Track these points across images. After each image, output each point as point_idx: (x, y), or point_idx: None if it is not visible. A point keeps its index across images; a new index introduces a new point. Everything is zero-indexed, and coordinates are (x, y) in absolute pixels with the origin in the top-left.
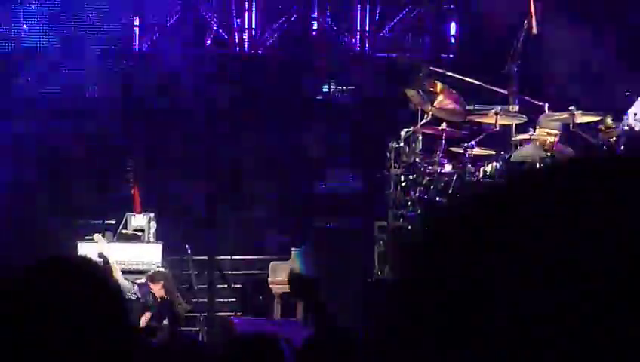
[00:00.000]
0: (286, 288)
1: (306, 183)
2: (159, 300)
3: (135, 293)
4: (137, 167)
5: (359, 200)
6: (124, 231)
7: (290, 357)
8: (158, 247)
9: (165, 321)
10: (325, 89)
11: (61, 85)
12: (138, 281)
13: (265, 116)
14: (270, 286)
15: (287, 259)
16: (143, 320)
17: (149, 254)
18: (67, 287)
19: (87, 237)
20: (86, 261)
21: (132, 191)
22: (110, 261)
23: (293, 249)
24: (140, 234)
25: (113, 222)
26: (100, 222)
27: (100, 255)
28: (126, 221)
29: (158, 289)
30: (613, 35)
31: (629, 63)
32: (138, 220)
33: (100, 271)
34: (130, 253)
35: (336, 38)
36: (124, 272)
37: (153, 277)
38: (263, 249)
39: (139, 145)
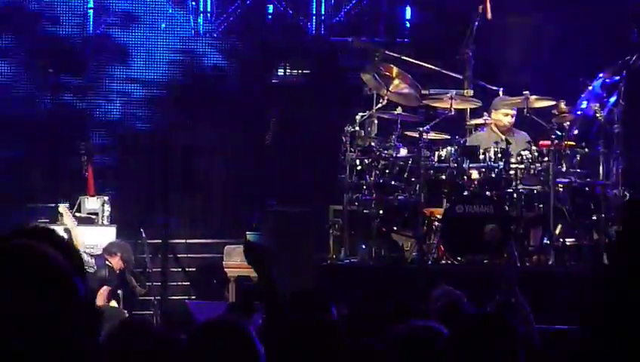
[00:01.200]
0: (240, 271)
1: (260, 167)
2: (117, 273)
3: (92, 266)
4: (90, 149)
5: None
6: (77, 214)
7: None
8: (112, 230)
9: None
10: (280, 72)
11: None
12: (95, 253)
13: (219, 100)
14: (225, 269)
15: (242, 243)
16: (101, 293)
17: (103, 237)
18: (32, 255)
19: (40, 221)
20: (50, 231)
21: (85, 174)
22: (73, 232)
23: (248, 232)
24: (93, 217)
25: (66, 205)
26: (53, 205)
27: (65, 227)
28: (79, 204)
29: (115, 262)
30: (567, 21)
31: (583, 50)
32: (92, 203)
33: (63, 241)
34: (84, 236)
35: (292, 22)
36: None
37: (110, 250)
38: (217, 232)
39: (92, 128)
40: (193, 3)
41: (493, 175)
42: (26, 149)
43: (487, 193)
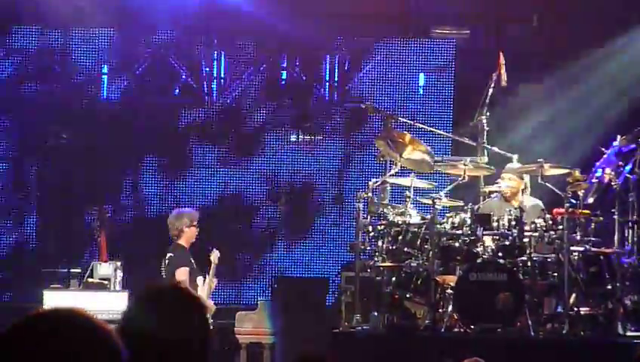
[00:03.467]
0: (252, 338)
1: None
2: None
3: None
4: (104, 215)
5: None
6: (90, 279)
7: None
8: (124, 296)
9: None
10: (293, 138)
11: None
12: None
13: (234, 161)
14: (236, 336)
15: (253, 309)
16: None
17: (115, 303)
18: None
19: (52, 286)
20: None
21: (98, 240)
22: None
23: (259, 299)
24: (105, 282)
25: (79, 270)
26: (65, 270)
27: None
28: (92, 269)
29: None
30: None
31: (597, 118)
32: (104, 269)
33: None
34: (96, 302)
35: (306, 87)
36: None
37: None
38: (229, 298)
39: (104, 193)
40: (207, 69)
41: (507, 242)
42: (40, 214)
43: (501, 261)
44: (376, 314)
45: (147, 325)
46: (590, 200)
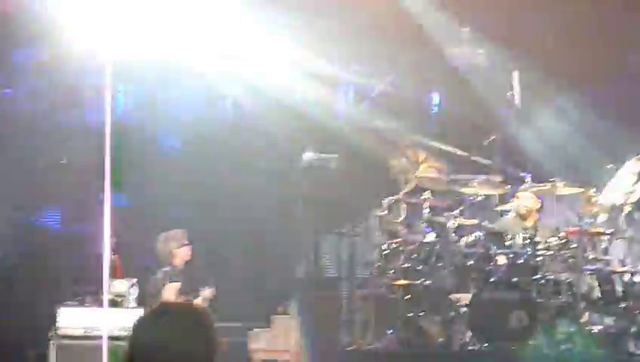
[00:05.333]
0: (266, 355)
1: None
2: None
3: None
4: (118, 232)
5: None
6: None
7: None
8: (139, 313)
9: None
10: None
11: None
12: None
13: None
14: (250, 353)
15: (267, 326)
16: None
17: (130, 320)
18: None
19: (67, 303)
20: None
21: (113, 257)
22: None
23: (273, 316)
24: (120, 299)
25: (93, 287)
26: (80, 287)
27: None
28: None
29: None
30: (596, 107)
31: (611, 137)
32: (119, 285)
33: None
34: (111, 319)
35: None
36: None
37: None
38: (242, 315)
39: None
40: None
41: (521, 261)
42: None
43: (515, 279)
44: (390, 332)
45: (155, 339)
46: (603, 219)
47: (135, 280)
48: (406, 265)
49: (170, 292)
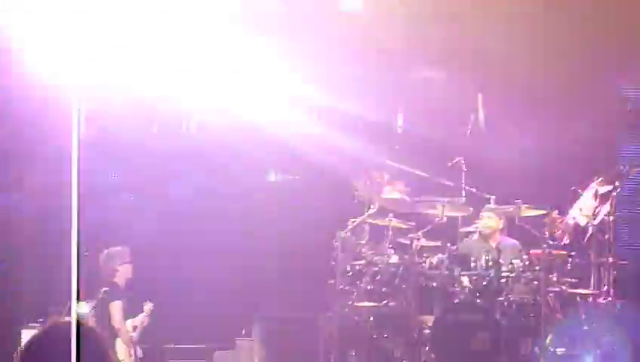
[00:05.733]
0: None
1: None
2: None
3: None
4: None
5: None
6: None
7: None
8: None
9: None
10: (272, 178)
11: None
12: None
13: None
14: None
15: (231, 348)
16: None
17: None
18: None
19: (30, 324)
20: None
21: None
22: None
23: (237, 338)
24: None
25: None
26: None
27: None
28: (69, 309)
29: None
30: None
31: (575, 159)
32: (82, 307)
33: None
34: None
35: None
36: None
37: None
38: (205, 338)
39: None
40: None
41: (485, 283)
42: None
43: (478, 301)
44: (353, 353)
45: (46, 356)
46: (567, 241)
47: (95, 301)
48: (370, 286)
49: (115, 311)
